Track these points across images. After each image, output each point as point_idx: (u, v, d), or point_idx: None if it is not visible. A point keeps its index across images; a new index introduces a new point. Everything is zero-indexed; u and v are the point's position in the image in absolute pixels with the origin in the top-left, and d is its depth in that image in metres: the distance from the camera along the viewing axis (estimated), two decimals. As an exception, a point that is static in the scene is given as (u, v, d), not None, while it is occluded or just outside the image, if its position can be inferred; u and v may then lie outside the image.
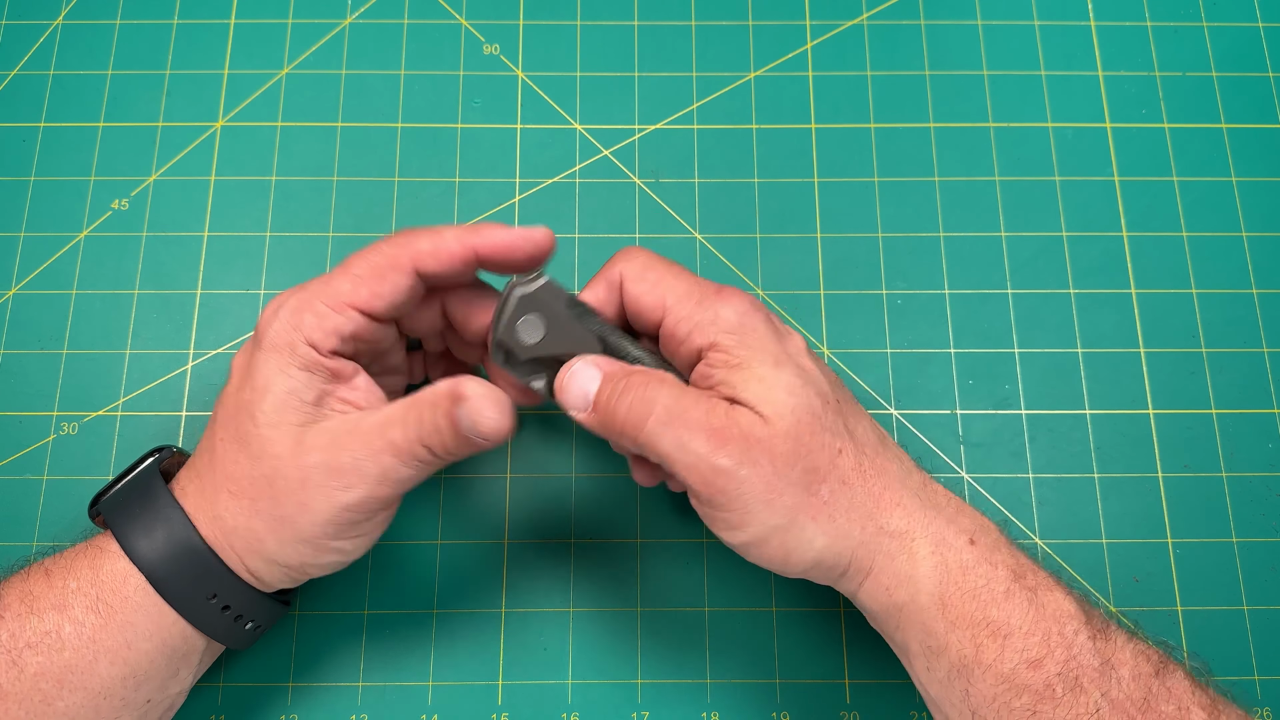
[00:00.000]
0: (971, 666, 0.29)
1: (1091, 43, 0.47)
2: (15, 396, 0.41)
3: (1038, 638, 0.29)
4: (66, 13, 0.47)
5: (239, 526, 0.31)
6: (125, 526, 0.31)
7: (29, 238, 0.43)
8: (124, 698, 0.31)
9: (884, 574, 0.30)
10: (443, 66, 0.46)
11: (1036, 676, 0.28)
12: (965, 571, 0.29)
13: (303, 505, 0.30)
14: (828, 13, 0.48)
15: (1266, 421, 0.42)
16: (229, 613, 0.32)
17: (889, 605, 0.30)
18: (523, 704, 0.38)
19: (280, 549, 0.31)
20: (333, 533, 0.31)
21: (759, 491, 0.29)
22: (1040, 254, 0.44)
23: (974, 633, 0.29)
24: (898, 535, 0.30)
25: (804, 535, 0.30)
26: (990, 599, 0.29)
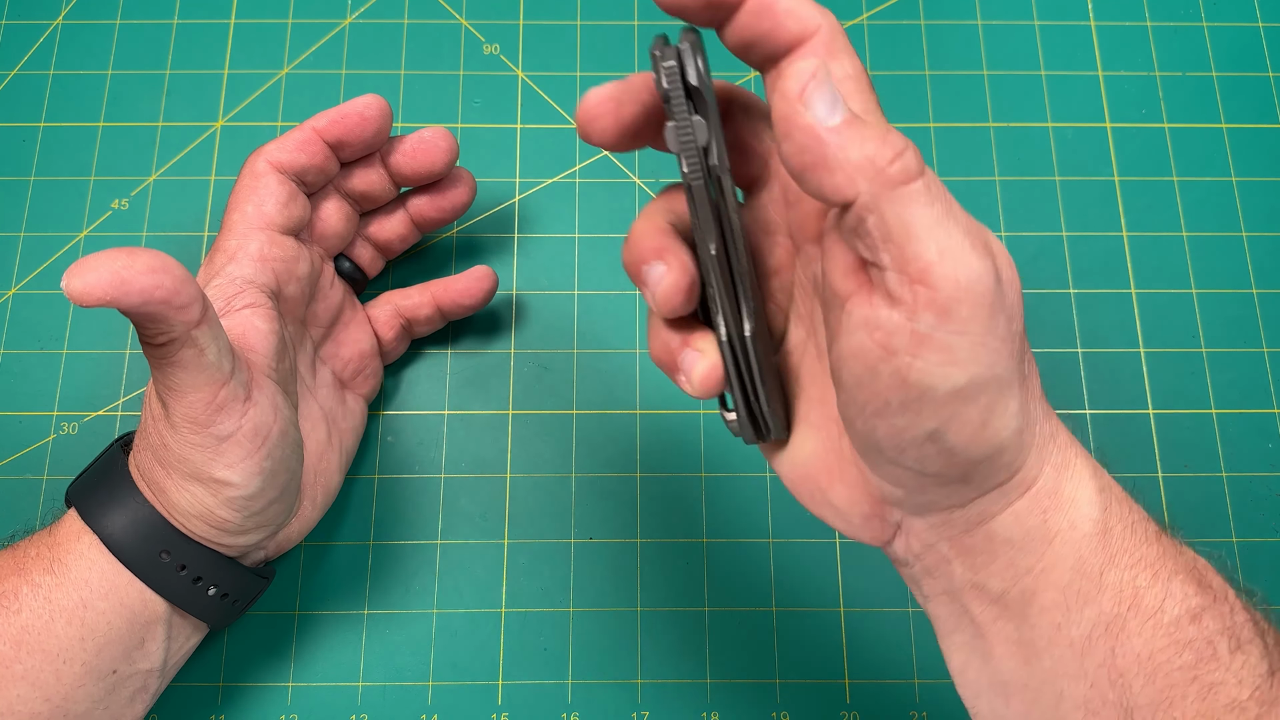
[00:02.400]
0: (1127, 615, 0.23)
1: (1091, 42, 0.47)
2: (15, 396, 0.41)
3: (1195, 585, 0.24)
4: (66, 13, 0.47)
5: (152, 481, 0.31)
6: (85, 501, 0.32)
7: (29, 238, 0.43)
8: (84, 663, 0.30)
9: (1045, 492, 0.24)
10: (443, 66, 0.46)
11: (1198, 632, 0.23)
12: (1125, 500, 0.25)
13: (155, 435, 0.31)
14: (828, 13, 0.48)
15: (1266, 421, 0.42)
16: (186, 573, 0.32)
17: (1038, 534, 0.24)
18: (523, 704, 0.38)
19: (178, 494, 0.31)
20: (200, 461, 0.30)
21: (1002, 326, 0.22)
22: (1040, 254, 0.44)
23: (1134, 572, 0.24)
24: (1065, 448, 0.25)
25: (1010, 405, 0.23)
26: (1146, 536, 0.24)
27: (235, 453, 0.31)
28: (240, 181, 0.35)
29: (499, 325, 0.43)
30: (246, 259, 0.34)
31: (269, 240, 0.34)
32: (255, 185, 0.35)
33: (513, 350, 0.42)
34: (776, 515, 0.41)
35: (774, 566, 0.40)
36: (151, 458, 0.31)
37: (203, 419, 0.30)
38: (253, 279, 0.33)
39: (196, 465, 0.30)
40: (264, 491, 0.32)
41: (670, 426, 0.42)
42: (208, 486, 0.31)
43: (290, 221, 0.35)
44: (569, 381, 0.42)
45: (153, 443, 0.31)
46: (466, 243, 0.44)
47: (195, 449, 0.30)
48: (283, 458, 0.32)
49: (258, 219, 0.34)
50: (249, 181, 0.35)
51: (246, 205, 0.34)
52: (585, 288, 0.43)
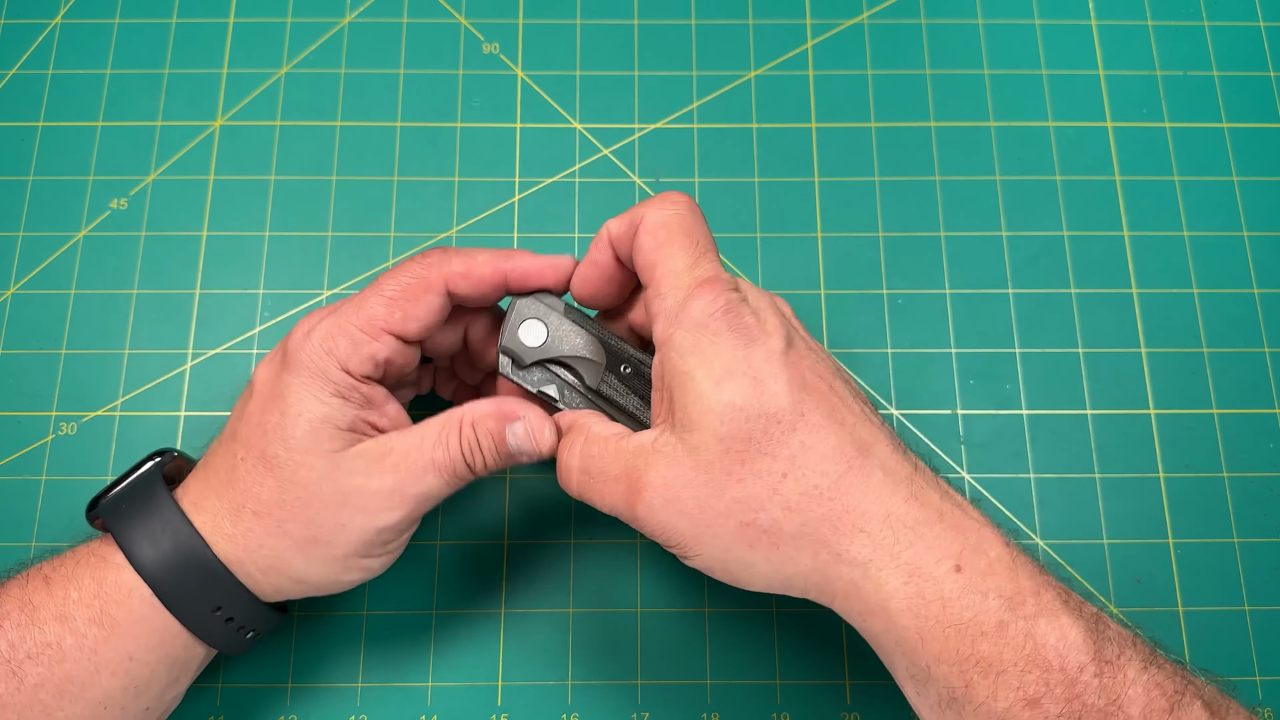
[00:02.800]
0: (962, 703, 0.26)
1: (1092, 42, 0.47)
2: (14, 396, 0.41)
3: (1035, 674, 0.26)
4: (65, 12, 0.47)
5: (263, 546, 0.31)
6: (129, 535, 0.31)
7: (27, 237, 0.43)
8: (124, 706, 0.31)
9: (852, 601, 0.28)
10: (442, 66, 0.46)
11: (1034, 717, 0.25)
12: (946, 605, 0.26)
13: (340, 527, 0.31)
14: (828, 12, 0.48)
15: (1268, 421, 0.42)
16: (232, 624, 0.32)
17: (866, 631, 0.28)
18: (523, 704, 0.38)
19: (308, 567, 0.31)
20: (364, 551, 0.31)
21: (686, 528, 0.28)
22: (1041, 253, 0.44)
23: (962, 669, 0.26)
24: (860, 564, 0.27)
25: (745, 560, 0.28)
26: (979, 633, 0.26)
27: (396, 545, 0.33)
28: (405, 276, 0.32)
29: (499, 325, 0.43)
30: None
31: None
32: (420, 298, 0.32)
33: (512, 350, 0.42)
34: (777, 515, 0.40)
35: (774, 567, 0.40)
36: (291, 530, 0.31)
37: (411, 526, 0.33)
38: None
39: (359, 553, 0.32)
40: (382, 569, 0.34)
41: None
42: (348, 568, 0.32)
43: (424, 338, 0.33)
44: (569, 381, 0.42)
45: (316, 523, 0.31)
46: (467, 243, 0.44)
47: (376, 546, 0.32)
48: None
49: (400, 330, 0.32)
50: (416, 288, 0.32)
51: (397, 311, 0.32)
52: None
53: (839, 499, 0.28)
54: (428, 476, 0.31)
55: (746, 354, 0.28)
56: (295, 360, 0.31)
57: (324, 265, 0.43)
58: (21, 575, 0.31)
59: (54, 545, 0.33)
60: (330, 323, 0.31)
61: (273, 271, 0.43)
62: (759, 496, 0.28)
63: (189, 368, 0.42)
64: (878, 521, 0.27)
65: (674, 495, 0.28)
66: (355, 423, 0.31)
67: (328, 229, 0.44)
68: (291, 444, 0.30)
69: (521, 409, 0.32)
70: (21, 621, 0.30)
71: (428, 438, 0.31)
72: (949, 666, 0.26)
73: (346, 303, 0.32)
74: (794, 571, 0.28)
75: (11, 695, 0.29)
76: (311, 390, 0.31)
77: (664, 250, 0.30)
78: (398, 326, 0.31)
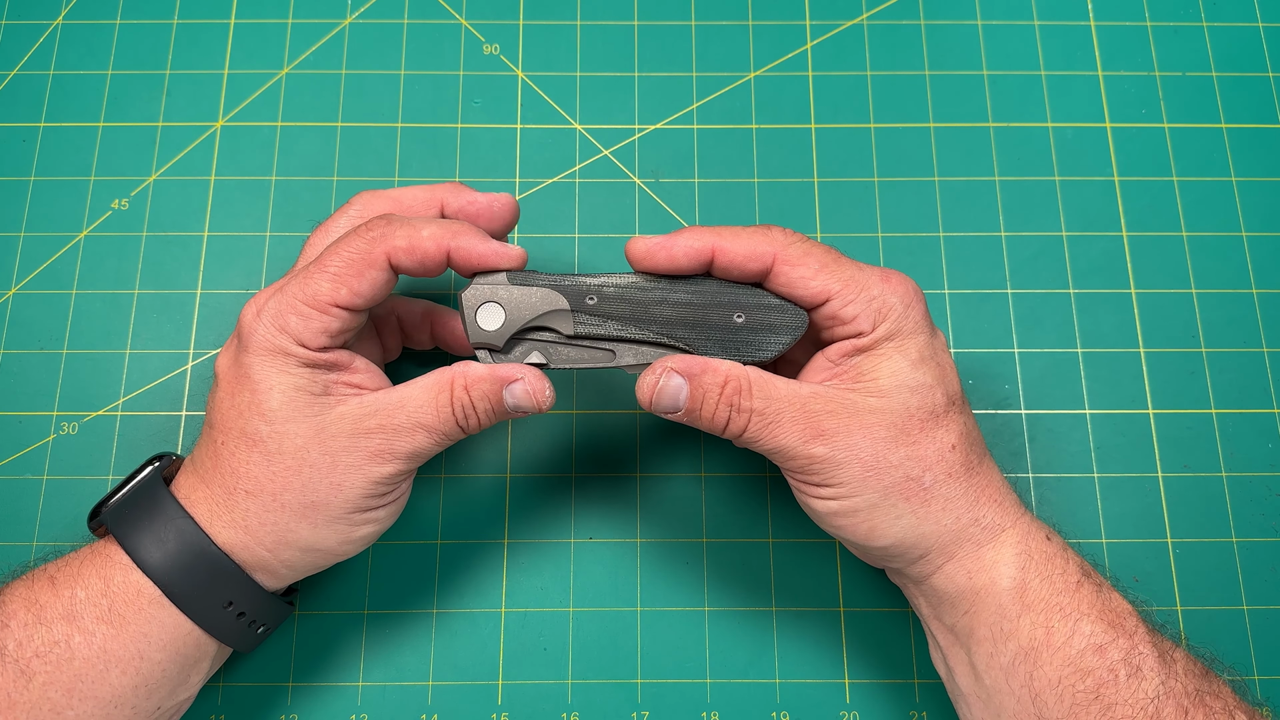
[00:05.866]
0: (1040, 649, 0.30)
1: (1091, 43, 0.47)
2: (15, 396, 0.41)
3: (1104, 625, 0.30)
4: (66, 13, 0.47)
5: (265, 523, 0.31)
6: (134, 537, 0.31)
7: (29, 238, 0.43)
8: (135, 705, 0.31)
9: (968, 559, 0.32)
10: (443, 66, 0.46)
11: (1101, 661, 0.30)
12: (1046, 560, 0.31)
13: (336, 486, 0.31)
14: (828, 13, 0.48)
15: (1266, 421, 0.42)
16: (243, 618, 0.32)
17: (966, 589, 0.32)
18: (523, 704, 0.38)
19: (314, 533, 0.32)
20: (365, 505, 0.32)
21: (855, 469, 0.31)
22: (1040, 254, 0.44)
23: (1047, 616, 0.30)
24: (989, 528, 0.32)
25: (893, 513, 0.31)
26: (1064, 586, 0.31)
27: (395, 494, 0.33)
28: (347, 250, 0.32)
29: (499, 325, 0.43)
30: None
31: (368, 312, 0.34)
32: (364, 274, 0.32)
33: (513, 350, 0.42)
34: (776, 515, 0.41)
35: (774, 566, 0.40)
36: (290, 501, 0.31)
37: (407, 476, 0.33)
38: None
39: (361, 507, 0.32)
40: (392, 523, 0.34)
41: (670, 427, 0.42)
42: (349, 522, 0.32)
43: (370, 308, 0.33)
44: (569, 382, 0.42)
45: (312, 487, 0.31)
46: (466, 243, 0.44)
47: (375, 498, 0.32)
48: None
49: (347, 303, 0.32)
50: (360, 263, 0.32)
51: (343, 287, 0.31)
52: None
53: (984, 475, 0.33)
54: (416, 436, 0.32)
55: (932, 342, 0.33)
56: (250, 341, 0.31)
57: (325, 265, 0.43)
58: (26, 576, 0.31)
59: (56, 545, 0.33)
60: (278, 301, 0.32)
61: (274, 272, 0.43)
62: (928, 459, 0.32)
63: (190, 368, 0.42)
64: (1007, 494, 0.33)
65: (854, 441, 0.31)
66: (330, 387, 0.32)
67: (328, 229, 0.44)
68: (270, 417, 0.31)
69: (518, 370, 0.32)
70: (28, 621, 0.30)
71: (413, 399, 0.32)
72: (1036, 614, 0.31)
73: (292, 279, 0.32)
74: (931, 529, 0.32)
75: (20, 694, 0.29)
76: (275, 365, 0.31)
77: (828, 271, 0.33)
78: (344, 301, 0.32)
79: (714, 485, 0.41)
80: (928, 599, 0.34)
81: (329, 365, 0.32)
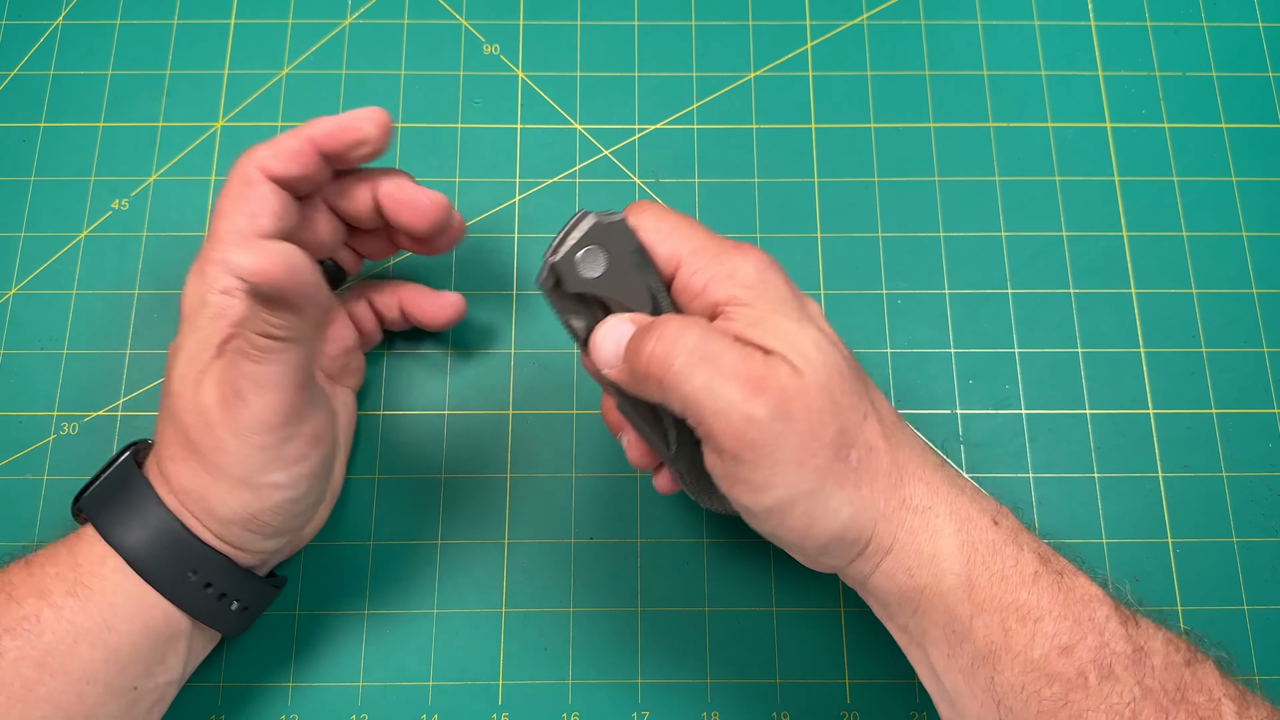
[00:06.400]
0: (999, 653, 0.27)
1: (1091, 42, 0.47)
2: (15, 396, 0.41)
3: (1069, 623, 0.27)
4: (66, 13, 0.47)
5: (187, 490, 0.31)
6: (103, 516, 0.32)
7: (29, 238, 0.43)
8: (108, 683, 0.31)
9: (905, 553, 0.28)
10: (443, 66, 0.46)
11: (1068, 664, 0.26)
12: (993, 552, 0.28)
13: (217, 446, 0.30)
14: (828, 13, 0.48)
15: (1266, 421, 0.42)
16: (211, 590, 0.32)
17: (909, 588, 0.28)
18: (523, 704, 0.38)
19: (222, 501, 0.31)
20: (258, 465, 0.31)
21: (792, 449, 0.27)
22: (1040, 254, 0.44)
23: (1002, 617, 0.27)
24: (921, 511, 0.28)
25: (830, 504, 0.28)
26: (1019, 581, 0.27)
27: (293, 455, 0.31)
28: (230, 187, 0.33)
29: (499, 325, 0.43)
30: None
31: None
32: (247, 194, 0.32)
33: (513, 350, 0.42)
34: (776, 515, 0.41)
35: (773, 566, 0.40)
36: (198, 465, 0.31)
37: (276, 420, 0.30)
38: None
39: (252, 468, 0.31)
40: (308, 494, 0.33)
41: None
42: (258, 491, 0.31)
43: (283, 234, 0.33)
44: (569, 381, 0.42)
45: (203, 448, 0.30)
46: (467, 242, 0.44)
47: (257, 450, 0.31)
48: (328, 459, 0.33)
49: (251, 231, 0.32)
50: (240, 189, 0.32)
51: (238, 217, 0.32)
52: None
53: (901, 448, 0.29)
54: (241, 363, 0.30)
55: (803, 307, 0.30)
56: (181, 310, 0.32)
57: (325, 265, 0.43)
58: (6, 565, 0.32)
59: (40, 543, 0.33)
60: (197, 264, 0.32)
61: (274, 272, 0.43)
62: (851, 432, 0.28)
63: (190, 368, 0.42)
64: (931, 471, 0.29)
65: (792, 408, 0.27)
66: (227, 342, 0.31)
67: (328, 229, 0.44)
68: (174, 382, 0.31)
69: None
70: (1, 600, 0.30)
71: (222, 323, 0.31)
72: (990, 615, 0.27)
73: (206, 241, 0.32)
74: (867, 519, 0.28)
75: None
76: (190, 326, 0.31)
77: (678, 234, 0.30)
78: (249, 228, 0.32)
79: (714, 485, 0.41)
80: (876, 599, 0.30)
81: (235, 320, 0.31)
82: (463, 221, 0.38)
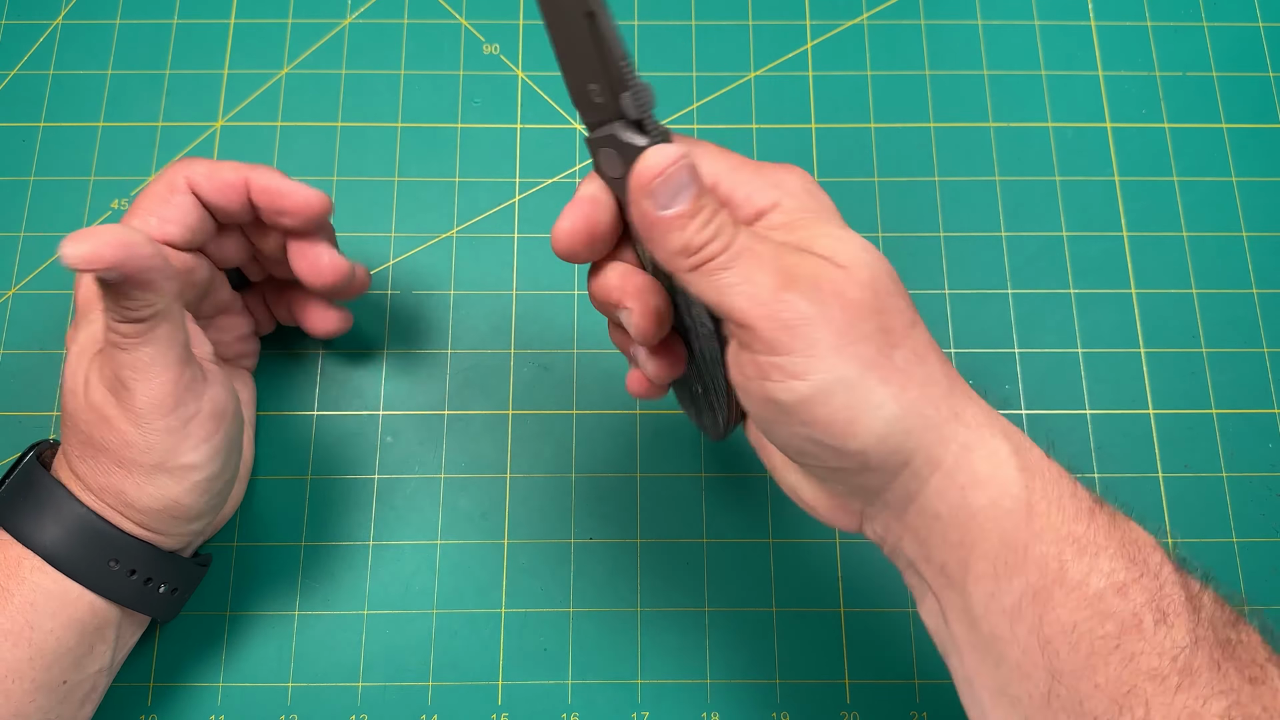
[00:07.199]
0: (1052, 588, 0.25)
1: (1092, 42, 0.47)
2: (15, 396, 0.41)
3: (1124, 561, 0.25)
4: (66, 12, 0.47)
5: (103, 486, 0.31)
6: (14, 518, 0.31)
7: (28, 237, 0.43)
8: (34, 679, 0.30)
9: (960, 471, 0.26)
10: (443, 66, 0.46)
11: (1124, 604, 0.24)
12: (1052, 480, 0.26)
13: (121, 440, 0.30)
14: (828, 12, 0.48)
15: (1267, 421, 0.42)
16: (136, 577, 0.32)
17: (961, 510, 0.26)
18: (523, 704, 0.38)
19: (141, 491, 0.31)
20: (167, 449, 0.31)
21: (831, 335, 0.25)
22: (1040, 254, 0.44)
23: (1059, 548, 0.25)
24: (975, 427, 0.26)
25: (873, 398, 0.25)
26: (1076, 513, 0.25)
27: (200, 433, 0.31)
28: (153, 188, 0.33)
29: (499, 325, 0.43)
30: None
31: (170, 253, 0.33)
32: (168, 199, 0.33)
33: (513, 350, 0.42)
34: (776, 515, 0.41)
35: (774, 566, 0.40)
36: (107, 461, 0.31)
37: (170, 401, 0.30)
38: None
39: (162, 453, 0.30)
40: (223, 470, 0.33)
41: (670, 426, 0.42)
42: (173, 475, 0.31)
43: (192, 243, 0.34)
44: (569, 381, 0.42)
45: (108, 445, 0.30)
46: (467, 243, 0.44)
47: (162, 435, 0.30)
48: (235, 433, 0.33)
49: (158, 235, 0.33)
50: (163, 192, 0.33)
51: (149, 217, 0.33)
52: (585, 288, 0.43)
53: (950, 365, 0.27)
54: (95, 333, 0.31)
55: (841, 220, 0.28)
56: (75, 304, 0.33)
57: (324, 265, 0.43)
58: None
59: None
60: None
61: (273, 272, 0.43)
62: (897, 332, 0.26)
63: (190, 368, 0.42)
64: (975, 395, 0.27)
65: (828, 297, 0.25)
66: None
67: (328, 229, 0.44)
68: (65, 380, 0.31)
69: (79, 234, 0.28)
70: None
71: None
72: (1048, 545, 0.25)
73: None
74: (915, 424, 0.25)
75: None
76: (82, 324, 0.32)
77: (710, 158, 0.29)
78: (157, 231, 0.32)
79: (714, 485, 0.41)
80: (914, 533, 0.27)
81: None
82: (366, 276, 0.38)
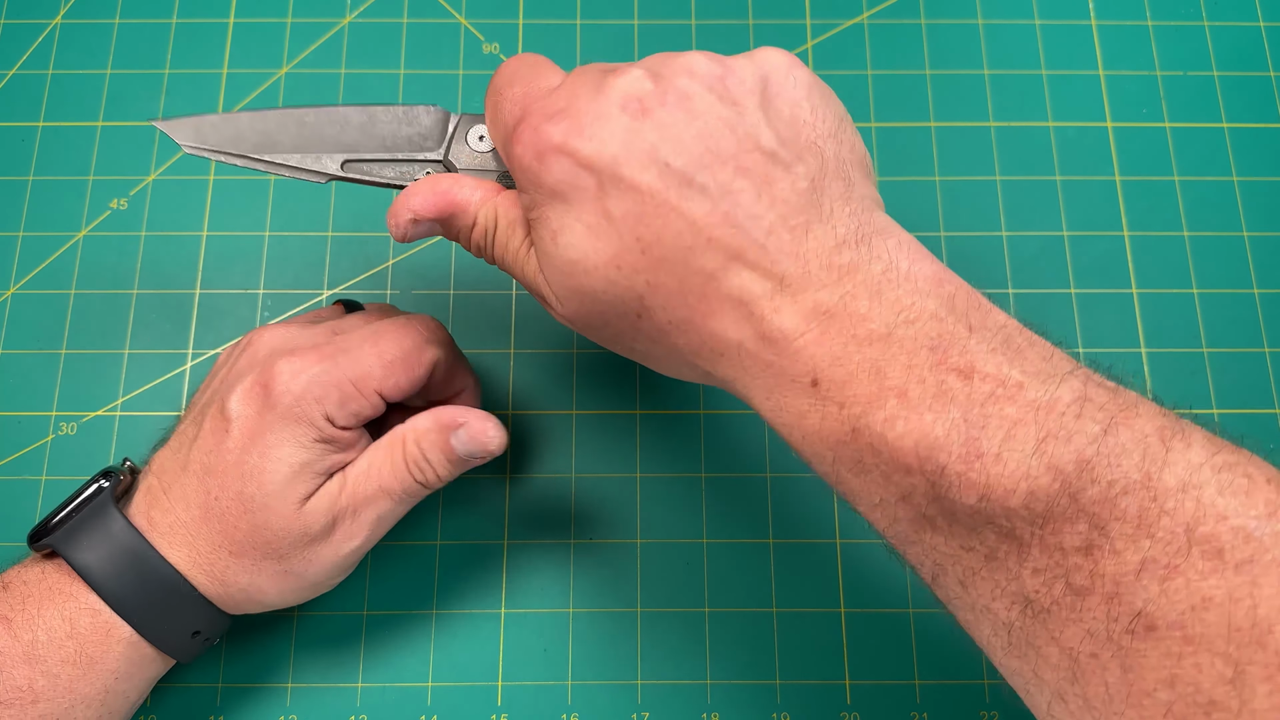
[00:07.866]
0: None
1: (1092, 42, 0.47)
2: (14, 396, 0.41)
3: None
4: (65, 12, 0.47)
5: (242, 583, 0.31)
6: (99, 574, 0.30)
7: (27, 237, 0.43)
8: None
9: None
10: (443, 66, 0.46)
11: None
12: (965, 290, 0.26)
13: (309, 561, 0.32)
14: (828, 12, 0.48)
15: (1268, 421, 0.42)
16: (198, 637, 0.33)
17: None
18: (523, 704, 0.38)
19: (282, 598, 0.32)
20: (332, 575, 0.33)
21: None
22: (1041, 253, 0.44)
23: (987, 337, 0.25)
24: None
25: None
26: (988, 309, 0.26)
27: (323, 591, 0.34)
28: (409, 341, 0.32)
29: (499, 325, 0.43)
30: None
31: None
32: (417, 372, 0.33)
33: (512, 350, 0.42)
34: (777, 515, 0.40)
35: (774, 566, 0.40)
36: (271, 567, 0.31)
37: (372, 544, 0.33)
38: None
39: (331, 578, 0.33)
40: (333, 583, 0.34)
41: (670, 427, 0.42)
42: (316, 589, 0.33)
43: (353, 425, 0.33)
44: (569, 381, 0.42)
45: (288, 561, 0.31)
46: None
47: (346, 568, 0.33)
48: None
49: (391, 394, 0.32)
50: (415, 355, 0.32)
51: (405, 380, 0.32)
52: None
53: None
54: (380, 502, 0.32)
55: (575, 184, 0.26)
56: (281, 404, 0.30)
57: (324, 265, 0.43)
58: None
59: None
60: (321, 372, 0.31)
61: (273, 271, 0.43)
62: (625, 336, 0.28)
63: (189, 368, 0.42)
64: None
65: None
66: (332, 466, 0.32)
67: (328, 229, 0.44)
68: (268, 488, 0.30)
69: (460, 415, 0.32)
70: None
71: (374, 464, 0.32)
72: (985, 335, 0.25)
73: (338, 351, 0.31)
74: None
75: None
76: (295, 435, 0.30)
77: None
78: (389, 391, 0.32)
79: (714, 485, 0.41)
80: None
81: (344, 445, 0.32)
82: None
